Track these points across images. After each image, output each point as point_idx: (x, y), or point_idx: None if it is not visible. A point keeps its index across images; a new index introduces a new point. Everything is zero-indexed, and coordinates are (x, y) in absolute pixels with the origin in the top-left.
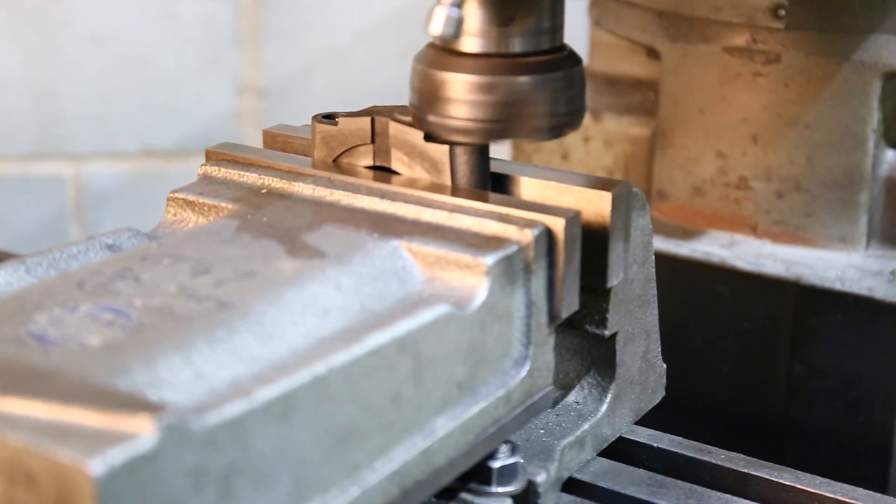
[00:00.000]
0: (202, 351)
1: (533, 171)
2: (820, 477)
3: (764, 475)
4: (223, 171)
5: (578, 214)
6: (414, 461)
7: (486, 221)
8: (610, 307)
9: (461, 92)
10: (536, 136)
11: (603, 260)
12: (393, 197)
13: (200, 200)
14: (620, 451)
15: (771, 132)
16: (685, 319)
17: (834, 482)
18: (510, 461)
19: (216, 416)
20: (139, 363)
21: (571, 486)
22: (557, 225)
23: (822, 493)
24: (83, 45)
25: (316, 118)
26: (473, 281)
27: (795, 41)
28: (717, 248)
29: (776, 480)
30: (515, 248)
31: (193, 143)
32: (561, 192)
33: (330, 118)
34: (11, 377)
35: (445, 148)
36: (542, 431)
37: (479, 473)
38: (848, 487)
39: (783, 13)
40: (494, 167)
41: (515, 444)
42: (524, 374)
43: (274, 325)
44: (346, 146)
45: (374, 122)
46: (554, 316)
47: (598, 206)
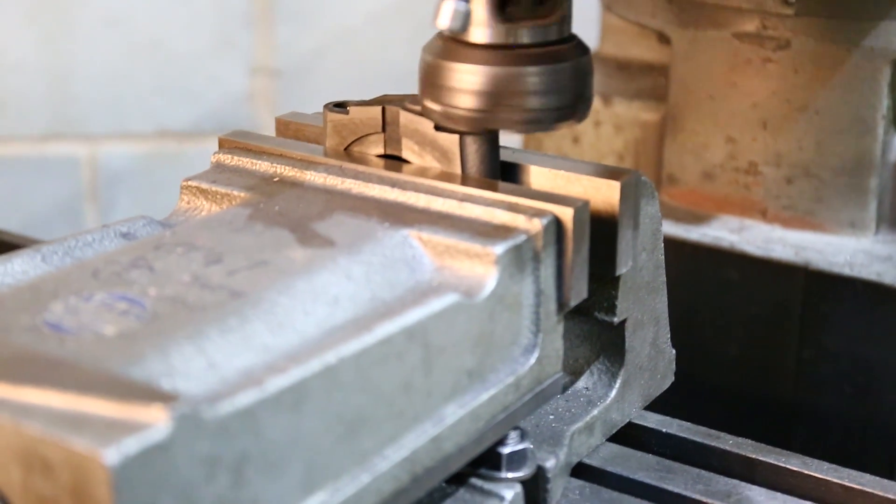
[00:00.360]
0: (214, 340)
1: (543, 159)
2: (827, 463)
3: (772, 461)
4: (236, 159)
5: (587, 204)
6: (424, 448)
7: (495, 211)
8: (619, 295)
9: (469, 82)
10: (545, 126)
11: (612, 248)
12: (403, 186)
13: (213, 188)
14: (630, 436)
15: (780, 118)
16: (695, 304)
17: (841, 468)
18: (520, 447)
19: (228, 405)
20: (153, 353)
21: (581, 471)
22: (566, 214)
23: (829, 478)
24: (97, 26)
25: (327, 107)
26: (483, 270)
27: (805, 27)
28: (726, 232)
29: (784, 466)
30: (524, 237)
31: (207, 124)
32: (570, 180)
33: (341, 107)
34: (28, 366)
35: (455, 137)
36: (551, 417)
37: (488, 459)
38: (855, 473)
39: None
40: (504, 156)
41: (525, 430)
42: (533, 361)
43: (285, 314)
44: (357, 135)
45: (384, 111)
46: (563, 304)
47: (606, 194)
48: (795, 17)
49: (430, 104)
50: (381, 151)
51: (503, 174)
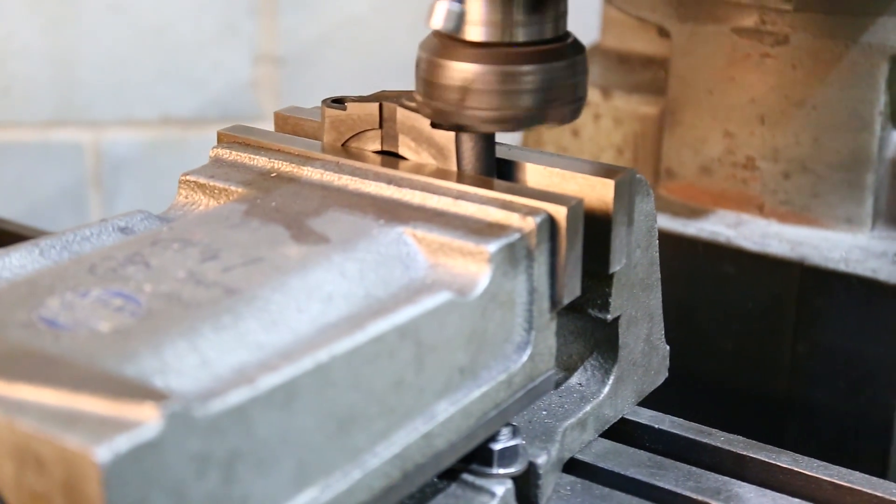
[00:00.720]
0: (208, 337)
1: (538, 157)
2: (818, 460)
3: (762, 457)
4: (234, 154)
5: (581, 202)
6: (415, 444)
7: (489, 208)
8: (613, 292)
9: (465, 80)
10: (539, 123)
11: (606, 246)
12: (399, 182)
13: (211, 183)
14: (622, 431)
15: (778, 113)
16: (691, 298)
17: (831, 465)
18: (511, 443)
19: (220, 403)
20: (146, 350)
21: (573, 466)
22: (560, 213)
23: (819, 476)
24: (101, 13)
25: (325, 102)
26: (476, 268)
27: (804, 23)
28: (723, 227)
29: (774, 463)
30: (518, 235)
31: (211, 111)
32: (565, 178)
33: (339, 102)
34: (23, 363)
35: (451, 134)
36: (544, 413)
37: (480, 455)
38: (845, 471)
39: None
40: (500, 153)
41: (517, 426)
42: (526, 358)
43: (279, 311)
44: (354, 131)
45: (381, 107)
46: (556, 301)
47: (601, 193)
48: (794, 12)
49: (425, 101)
50: (378, 147)
51: (499, 171)
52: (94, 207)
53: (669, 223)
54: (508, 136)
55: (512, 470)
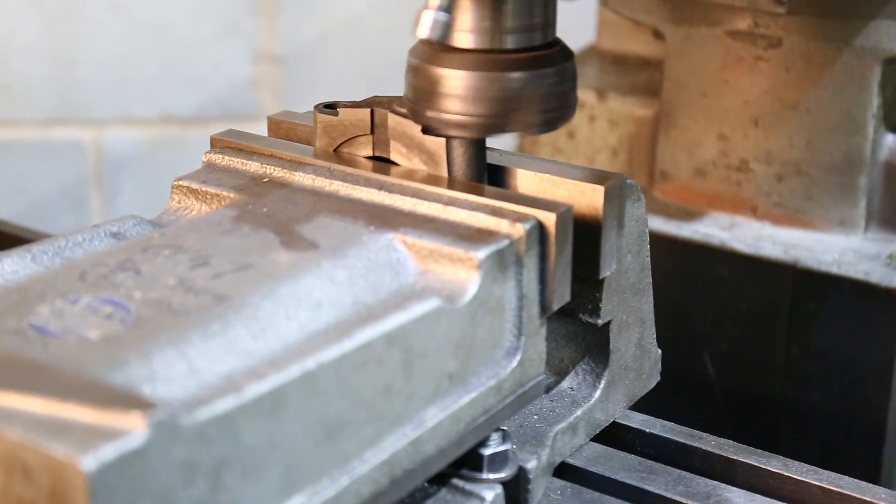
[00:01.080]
0: (197, 345)
1: (529, 162)
2: (807, 465)
3: (752, 462)
4: (227, 159)
5: (570, 209)
6: (403, 451)
7: (479, 215)
8: (603, 297)
9: (454, 87)
10: (529, 130)
11: (596, 251)
12: (390, 189)
13: (204, 189)
14: (614, 435)
15: (772, 116)
16: (685, 300)
17: (821, 470)
18: (501, 448)
19: (206, 411)
20: (135, 357)
21: (563, 470)
22: (549, 219)
23: (808, 480)
24: (102, 11)
25: (318, 107)
26: (465, 274)
27: (797, 26)
28: (717, 229)
29: (764, 467)
30: (507, 242)
31: (211, 110)
32: (555, 184)
33: (331, 107)
34: (12, 371)
35: (442, 141)
36: (535, 417)
37: (470, 460)
38: (834, 476)
39: None
40: (492, 158)
41: (507, 431)
42: (515, 364)
43: (268, 318)
44: (346, 136)
45: (373, 113)
46: (545, 307)
47: (591, 199)
48: (787, 15)
49: (415, 108)
50: (369, 153)
51: (490, 177)
52: (94, 205)
53: (664, 225)
54: (504, 136)
55: (502, 475)
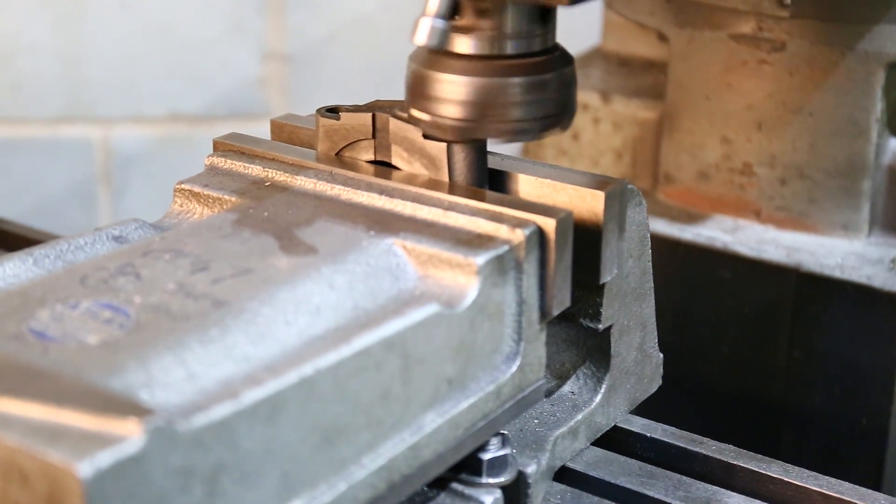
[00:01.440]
0: (195, 350)
1: (531, 167)
2: (808, 470)
3: (752, 467)
4: (229, 162)
5: (570, 215)
6: (401, 456)
7: (479, 220)
8: (604, 302)
9: (454, 93)
10: (528, 136)
11: (596, 257)
12: (391, 193)
13: (206, 192)
14: (615, 439)
15: (775, 119)
16: (687, 303)
17: (821, 476)
18: (500, 453)
19: (203, 417)
20: (133, 363)
21: (564, 475)
22: (549, 225)
23: (807, 486)
24: (110, 10)
25: (320, 111)
26: (464, 280)
27: (800, 30)
28: (720, 232)
29: (764, 472)
30: (506, 247)
31: (219, 108)
32: (556, 189)
33: (333, 111)
34: (11, 376)
35: (443, 145)
36: (536, 421)
37: (469, 465)
38: (834, 481)
39: (789, 2)
40: (493, 163)
41: (506, 435)
42: (515, 369)
43: (267, 324)
44: (348, 140)
45: (375, 117)
46: (545, 313)
47: (591, 204)
48: (791, 19)
49: (416, 113)
50: (371, 157)
51: (491, 181)
52: (102, 203)
53: (667, 228)
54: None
55: (501, 479)
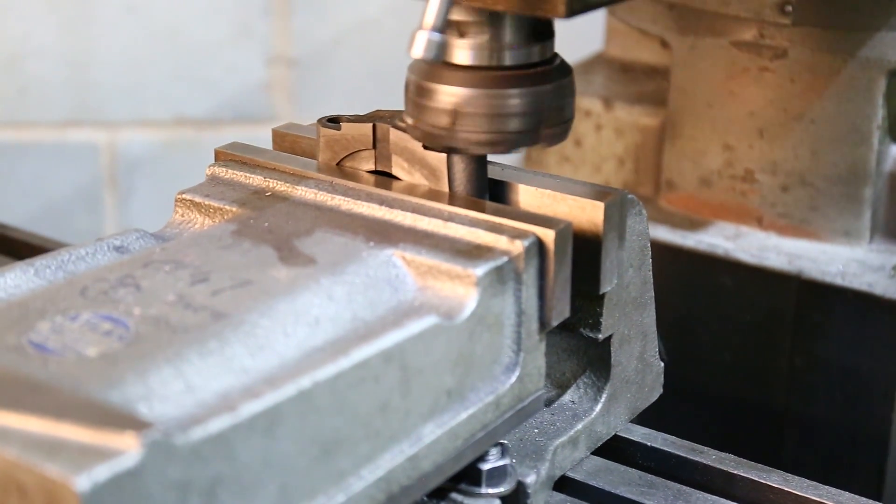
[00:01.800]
0: (194, 363)
1: (531, 177)
2: (808, 480)
3: (753, 476)
4: (230, 172)
5: (569, 225)
6: (400, 467)
7: (478, 231)
8: (604, 312)
9: (454, 104)
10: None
11: (596, 267)
12: (391, 204)
13: (206, 202)
14: (615, 448)
15: (777, 126)
16: (689, 310)
17: (821, 485)
18: (500, 463)
19: (201, 431)
20: (132, 375)
21: (564, 484)
22: (548, 236)
23: (808, 496)
24: (117, 14)
25: (321, 121)
26: (463, 291)
27: (802, 37)
28: (722, 239)
29: (764, 482)
30: (505, 258)
31: (225, 112)
32: (556, 200)
33: (334, 121)
34: (9, 389)
35: (443, 156)
36: (536, 431)
37: (469, 475)
38: (835, 491)
39: (790, 9)
40: (493, 173)
41: (506, 445)
42: (514, 379)
43: (265, 336)
44: (348, 150)
45: (375, 128)
46: (545, 323)
47: (591, 215)
48: (793, 26)
49: (415, 123)
50: (372, 167)
51: (491, 191)
52: (108, 207)
53: (669, 235)
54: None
55: (500, 489)
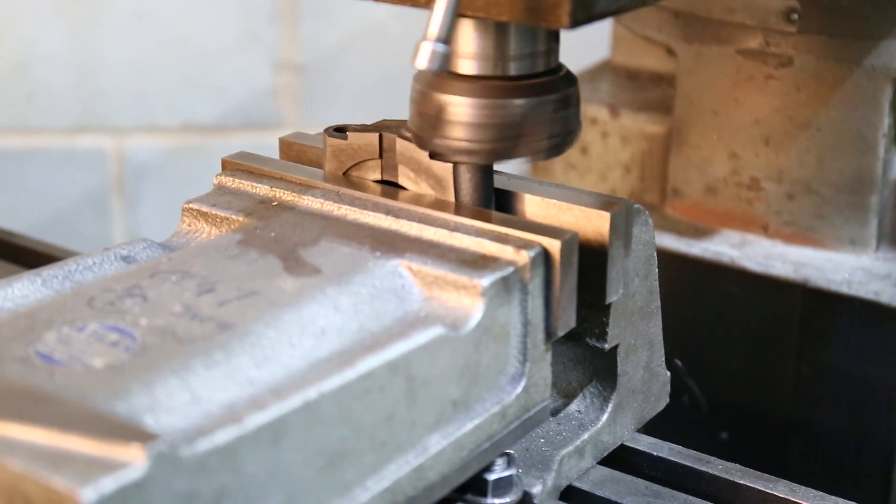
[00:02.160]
0: (200, 374)
1: (537, 187)
2: (814, 490)
3: (759, 486)
4: (237, 181)
5: (575, 236)
6: (406, 478)
7: (484, 241)
8: (610, 321)
9: (458, 114)
10: (533, 156)
11: (602, 277)
12: (397, 214)
13: (213, 212)
14: (621, 458)
15: (782, 134)
16: (694, 318)
17: (827, 496)
18: (506, 473)
19: (207, 443)
20: (138, 387)
21: (570, 494)
22: (554, 246)
23: None
24: (125, 20)
25: (327, 131)
26: (469, 301)
27: (808, 45)
28: (727, 247)
29: (771, 492)
30: (511, 269)
31: (232, 118)
32: (562, 210)
33: (341, 131)
34: (17, 400)
35: (449, 166)
36: (542, 441)
37: (475, 485)
38: (841, 501)
39: (796, 17)
40: (499, 183)
41: (512, 455)
42: (520, 390)
43: (271, 346)
44: (355, 160)
45: (381, 137)
46: (550, 333)
47: (597, 224)
48: (798, 34)
49: (421, 134)
50: (378, 177)
51: (497, 201)
52: (116, 213)
53: (675, 243)
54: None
55: (506, 500)
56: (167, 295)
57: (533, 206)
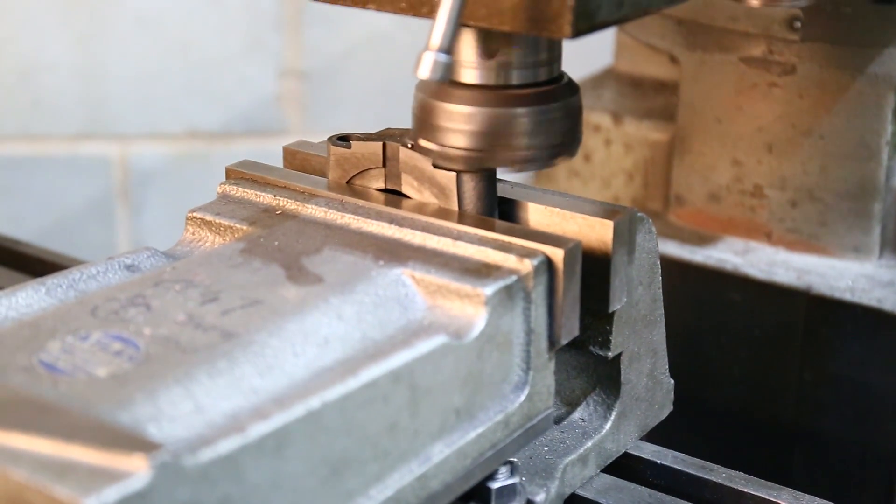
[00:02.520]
0: (203, 383)
1: (540, 196)
2: (819, 498)
3: (763, 494)
4: (241, 190)
5: (578, 244)
6: (409, 487)
7: (487, 250)
8: (613, 329)
9: (460, 122)
10: (535, 165)
11: (605, 286)
12: (401, 222)
13: (217, 221)
14: (625, 466)
15: (786, 142)
16: (698, 325)
17: None
18: (509, 482)
19: (210, 452)
20: (142, 396)
21: (574, 502)
22: (557, 255)
23: None
24: (130, 27)
25: (331, 140)
26: (473, 310)
27: (811, 53)
28: (731, 254)
29: (775, 501)
30: (515, 277)
31: (237, 125)
32: (565, 218)
33: (344, 140)
34: (20, 410)
35: (452, 175)
36: (545, 449)
37: (478, 493)
38: None
39: (799, 25)
40: (503, 191)
41: (515, 464)
42: (523, 398)
43: (275, 355)
44: (358, 169)
45: (385, 146)
46: (554, 342)
47: (600, 233)
48: (801, 42)
49: (423, 143)
50: (381, 186)
51: (501, 209)
52: (121, 219)
53: (678, 250)
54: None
55: None
56: (171, 304)
57: (536, 214)
